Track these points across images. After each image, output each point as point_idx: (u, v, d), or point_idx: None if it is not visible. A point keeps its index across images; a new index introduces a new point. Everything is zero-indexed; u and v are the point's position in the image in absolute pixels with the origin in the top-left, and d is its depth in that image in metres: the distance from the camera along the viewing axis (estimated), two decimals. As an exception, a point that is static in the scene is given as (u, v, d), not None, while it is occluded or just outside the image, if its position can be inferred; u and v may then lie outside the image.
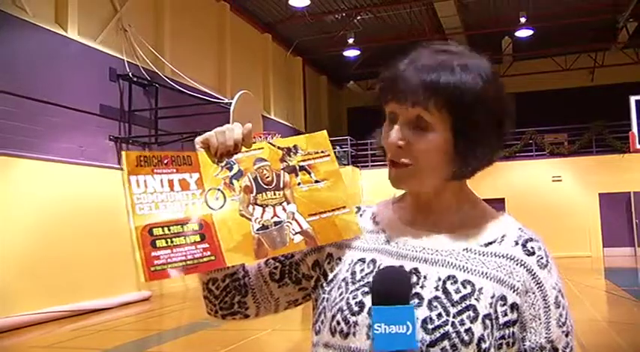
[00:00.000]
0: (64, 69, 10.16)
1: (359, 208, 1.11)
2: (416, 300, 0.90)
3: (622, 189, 19.02)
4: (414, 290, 0.91)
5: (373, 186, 18.23)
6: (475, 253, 0.96)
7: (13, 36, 9.23)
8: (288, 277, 1.08)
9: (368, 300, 0.91)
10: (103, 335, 8.00)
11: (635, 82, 19.24)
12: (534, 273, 0.96)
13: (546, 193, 19.68)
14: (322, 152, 1.07)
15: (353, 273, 0.98)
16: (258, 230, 0.99)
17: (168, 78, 12.57)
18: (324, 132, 1.09)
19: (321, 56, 21.07)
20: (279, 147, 1.05)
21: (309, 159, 1.06)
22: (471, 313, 0.88)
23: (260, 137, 12.94)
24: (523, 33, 18.40)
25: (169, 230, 0.94)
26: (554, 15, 17.38)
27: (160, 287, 11.59)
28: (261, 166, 1.03)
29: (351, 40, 18.71)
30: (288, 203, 1.02)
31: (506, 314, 0.91)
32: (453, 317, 0.88)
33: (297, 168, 1.05)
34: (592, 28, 18.97)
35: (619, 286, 11.66)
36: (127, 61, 11.74)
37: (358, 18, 17.99)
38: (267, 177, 1.03)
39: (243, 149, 1.03)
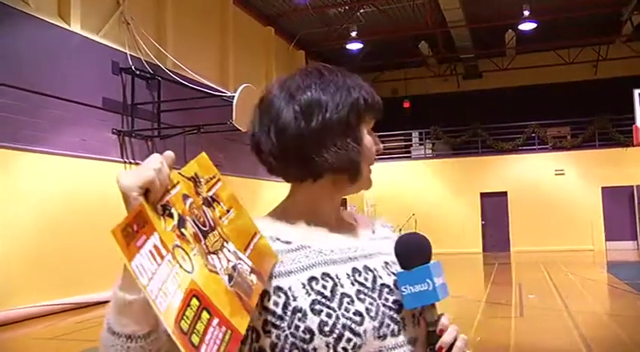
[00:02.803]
0: (66, 62, 10.17)
1: None
2: (386, 290, 1.00)
3: (625, 183, 19.00)
4: (380, 281, 1.01)
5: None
6: (376, 240, 1.11)
7: (16, 29, 9.23)
8: None
9: (359, 307, 0.95)
10: (107, 328, 8.03)
11: (639, 75, 19.16)
12: None
13: (549, 187, 19.67)
14: (214, 177, 0.92)
15: (319, 293, 0.94)
16: (229, 282, 0.85)
17: (170, 71, 12.57)
18: (204, 154, 0.93)
19: (323, 49, 21.02)
20: (187, 178, 0.87)
21: (211, 188, 0.91)
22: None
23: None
24: (526, 26, 18.32)
25: (188, 318, 0.75)
26: (558, 8, 17.31)
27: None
28: (190, 205, 0.85)
29: (353, 34, 18.66)
30: (227, 242, 0.89)
31: None
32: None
33: (210, 199, 0.90)
34: (596, 21, 18.90)
35: (621, 279, 11.67)
36: (130, 55, 11.74)
37: (361, 11, 17.94)
38: (200, 217, 0.86)
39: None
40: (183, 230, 0.82)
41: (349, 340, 0.92)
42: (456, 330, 0.96)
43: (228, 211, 0.93)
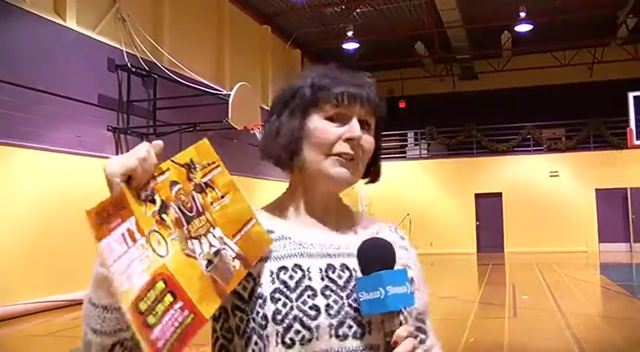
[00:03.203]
0: (62, 59, 10.14)
1: None
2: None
3: (619, 185, 19.08)
4: (355, 282, 1.00)
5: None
6: None
7: (11, 25, 9.20)
8: None
9: (319, 302, 0.96)
10: (100, 325, 8.02)
11: (633, 78, 19.25)
12: (410, 252, 1.14)
13: (543, 188, 19.74)
14: (213, 163, 0.96)
15: (284, 282, 0.97)
16: (207, 267, 0.88)
17: (166, 68, 12.55)
18: (206, 140, 0.96)
19: (319, 49, 21.02)
20: (180, 165, 0.90)
21: (207, 173, 0.94)
22: None
23: (258, 129, 12.93)
24: (522, 27, 18.38)
25: (149, 299, 0.79)
26: (554, 10, 17.35)
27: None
28: (177, 191, 0.88)
29: (350, 33, 18.67)
30: (214, 227, 0.92)
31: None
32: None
33: (203, 185, 0.93)
34: (591, 23, 18.96)
35: (614, 281, 11.73)
36: (126, 52, 11.71)
37: (357, 11, 17.95)
38: (187, 202, 0.89)
39: (154, 174, 0.86)
40: (164, 215, 0.85)
41: (297, 332, 0.93)
42: (413, 343, 0.91)
43: (222, 197, 0.95)
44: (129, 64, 11.67)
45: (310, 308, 0.95)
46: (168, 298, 0.81)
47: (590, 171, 19.32)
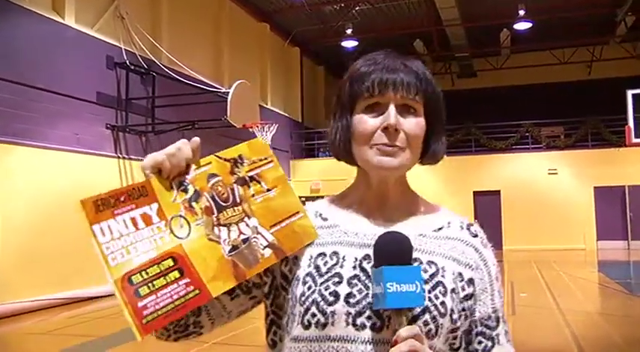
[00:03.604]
0: (60, 56, 10.13)
1: None
2: None
3: (617, 183, 19.09)
4: None
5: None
6: (430, 237, 1.07)
7: (10, 23, 9.18)
8: (239, 289, 1.06)
9: (341, 289, 0.97)
10: (100, 323, 8.03)
11: (632, 76, 19.25)
12: (480, 252, 1.10)
13: (542, 186, 19.75)
14: (265, 159, 1.04)
15: (317, 267, 1.01)
16: (230, 252, 0.96)
17: (165, 66, 12.54)
18: (260, 139, 1.07)
19: (318, 46, 21.02)
20: (225, 159, 1.01)
21: (255, 168, 1.03)
22: (441, 288, 1.00)
23: (257, 127, 12.93)
24: (521, 25, 18.38)
25: (147, 273, 0.89)
26: (553, 8, 17.36)
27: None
28: (214, 183, 0.99)
29: (349, 31, 18.67)
30: (249, 217, 1.00)
31: (464, 289, 1.03)
32: (428, 292, 0.98)
33: (248, 179, 1.02)
34: (590, 21, 18.97)
35: (612, 279, 11.75)
36: (125, 49, 11.70)
37: (356, 9, 17.94)
38: (223, 193, 0.99)
39: (193, 167, 0.98)
40: (194, 203, 0.96)
41: (314, 315, 0.96)
42: (410, 346, 0.88)
43: (268, 190, 1.03)
44: (127, 62, 11.66)
45: (330, 294, 0.96)
46: (174, 274, 0.90)
47: (588, 169, 19.33)
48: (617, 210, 19.41)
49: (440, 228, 1.09)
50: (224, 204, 0.98)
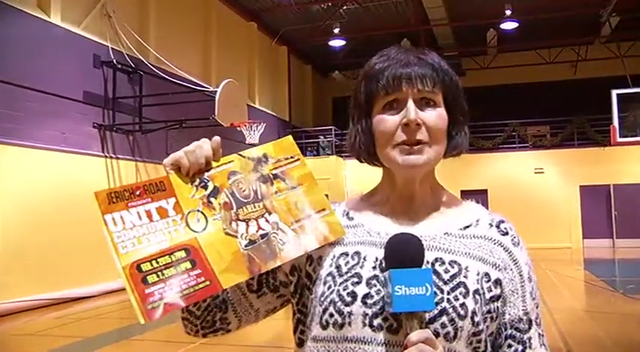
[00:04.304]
0: (46, 55, 10.04)
1: None
2: None
3: (602, 182, 19.28)
4: None
5: (357, 176, 18.27)
6: (455, 236, 1.03)
7: (-5, 21, 9.09)
8: (266, 286, 1.08)
9: (359, 290, 0.95)
10: (86, 324, 7.99)
11: (616, 75, 19.43)
12: (510, 251, 1.05)
13: (528, 185, 19.89)
14: (292, 157, 1.06)
15: (338, 267, 1.00)
16: (246, 246, 0.97)
17: (152, 65, 12.47)
18: (290, 137, 1.09)
19: (306, 46, 21.01)
20: (248, 158, 1.03)
21: (280, 166, 1.04)
22: (462, 289, 0.95)
23: (245, 126, 12.91)
24: (508, 25, 18.49)
25: (158, 263, 0.91)
26: (539, 8, 17.48)
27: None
28: (235, 180, 1.01)
29: (336, 30, 18.68)
30: (270, 214, 1.00)
31: (491, 290, 0.99)
32: (447, 293, 0.94)
33: (271, 176, 1.03)
34: (576, 21, 19.12)
35: (598, 277, 11.86)
36: (112, 48, 11.63)
37: (344, 8, 17.96)
38: (244, 190, 1.01)
39: (214, 164, 1.00)
40: (212, 199, 0.99)
41: (331, 315, 0.95)
42: (420, 351, 0.85)
43: (293, 188, 1.04)
44: (115, 61, 11.59)
45: (348, 294, 0.95)
46: (186, 265, 0.92)
47: (574, 168, 19.49)
48: (603, 209, 19.60)
49: (467, 226, 1.05)
50: (244, 200, 1.00)
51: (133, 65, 12.06)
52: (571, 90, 21.40)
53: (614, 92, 16.13)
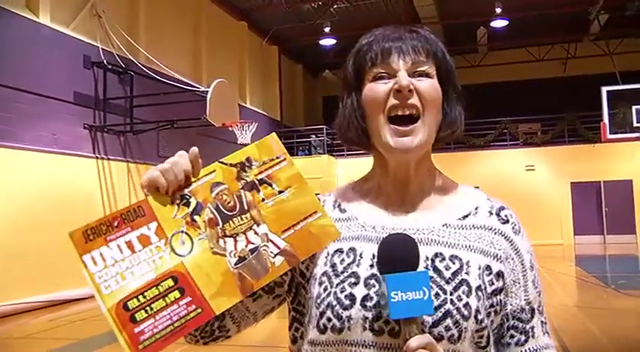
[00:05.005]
0: (36, 55, 9.97)
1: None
2: None
3: (593, 179, 19.39)
4: None
5: (349, 175, 18.18)
6: (455, 227, 0.98)
7: (-16, 22, 9.03)
8: (261, 289, 1.00)
9: (357, 291, 0.90)
10: (79, 326, 7.95)
11: (606, 73, 19.56)
12: (511, 240, 1.01)
13: (520, 182, 19.96)
14: (277, 158, 0.97)
15: (333, 266, 0.95)
16: (236, 264, 0.91)
17: (143, 65, 12.42)
18: (274, 134, 1.00)
19: (297, 45, 20.99)
20: (231, 165, 0.95)
21: (266, 170, 0.96)
22: (465, 288, 0.91)
23: (237, 126, 12.88)
24: (498, 23, 18.56)
25: (145, 297, 0.86)
26: (529, 6, 17.56)
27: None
28: (219, 192, 0.93)
29: (327, 29, 18.67)
30: (258, 225, 0.94)
31: (492, 283, 0.95)
32: (450, 294, 0.90)
33: (257, 182, 0.95)
34: (565, 19, 19.21)
35: (589, 273, 11.93)
36: (102, 49, 11.57)
37: (334, 7, 17.96)
38: (229, 202, 0.93)
39: (194, 178, 0.93)
40: (196, 217, 0.92)
41: (329, 319, 0.90)
42: None
43: (281, 192, 0.96)
44: (105, 61, 11.54)
45: (346, 296, 0.90)
46: (175, 294, 0.87)
47: (565, 165, 19.59)
48: (593, 206, 19.72)
49: (466, 215, 1.00)
50: (230, 214, 0.93)
51: (124, 65, 12.01)
52: (561, 88, 21.51)
53: (604, 89, 16.23)
